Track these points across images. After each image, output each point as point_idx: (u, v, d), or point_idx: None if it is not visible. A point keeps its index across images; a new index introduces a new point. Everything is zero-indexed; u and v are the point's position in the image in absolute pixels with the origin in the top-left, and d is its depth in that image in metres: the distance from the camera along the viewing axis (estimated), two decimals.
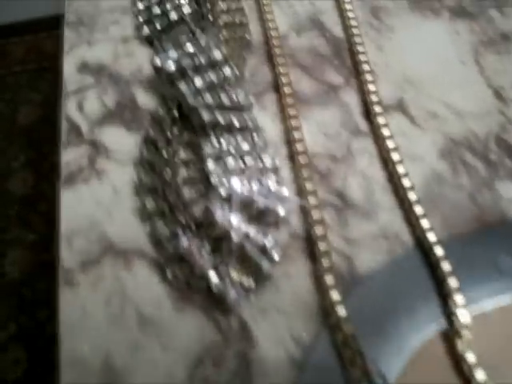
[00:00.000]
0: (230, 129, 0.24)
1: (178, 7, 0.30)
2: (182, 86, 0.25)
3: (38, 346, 1.02)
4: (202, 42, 0.27)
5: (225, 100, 0.25)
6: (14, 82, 1.26)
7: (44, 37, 1.25)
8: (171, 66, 0.26)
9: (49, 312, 1.06)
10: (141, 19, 0.30)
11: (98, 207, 0.24)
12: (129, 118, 0.27)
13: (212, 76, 0.26)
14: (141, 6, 0.31)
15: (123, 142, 0.26)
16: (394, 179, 0.25)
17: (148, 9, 0.31)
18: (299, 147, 0.25)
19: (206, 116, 0.24)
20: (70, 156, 0.26)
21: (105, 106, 0.28)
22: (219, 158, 0.23)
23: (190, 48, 0.27)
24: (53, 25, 1.26)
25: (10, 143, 1.23)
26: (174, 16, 0.29)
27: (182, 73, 0.26)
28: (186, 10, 0.30)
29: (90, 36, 0.31)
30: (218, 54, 0.27)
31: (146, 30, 0.30)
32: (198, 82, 0.26)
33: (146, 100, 0.28)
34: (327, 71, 0.29)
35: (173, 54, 0.27)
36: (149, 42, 0.30)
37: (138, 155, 0.25)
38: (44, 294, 1.09)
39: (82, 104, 0.28)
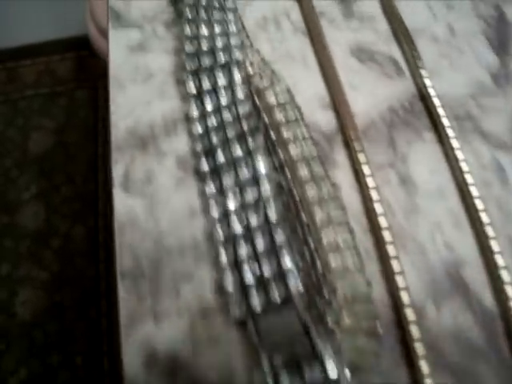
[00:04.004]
0: None
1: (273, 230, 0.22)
2: None
3: None
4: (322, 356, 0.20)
5: None
6: (25, 107, 1.18)
7: (57, 60, 1.16)
8: None
9: (60, 357, 1.01)
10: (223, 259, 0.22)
11: None
12: None
13: None
14: (220, 233, 0.23)
15: None
16: None
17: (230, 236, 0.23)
18: None
19: None
20: None
21: None
22: None
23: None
24: (66, 47, 1.17)
25: (21, 173, 1.16)
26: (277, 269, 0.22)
27: None
28: (288, 264, 0.22)
29: (156, 303, 0.23)
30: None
31: (236, 312, 0.22)
32: None
33: None
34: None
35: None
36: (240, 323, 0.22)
37: None
38: (56, 337, 1.04)
39: None
